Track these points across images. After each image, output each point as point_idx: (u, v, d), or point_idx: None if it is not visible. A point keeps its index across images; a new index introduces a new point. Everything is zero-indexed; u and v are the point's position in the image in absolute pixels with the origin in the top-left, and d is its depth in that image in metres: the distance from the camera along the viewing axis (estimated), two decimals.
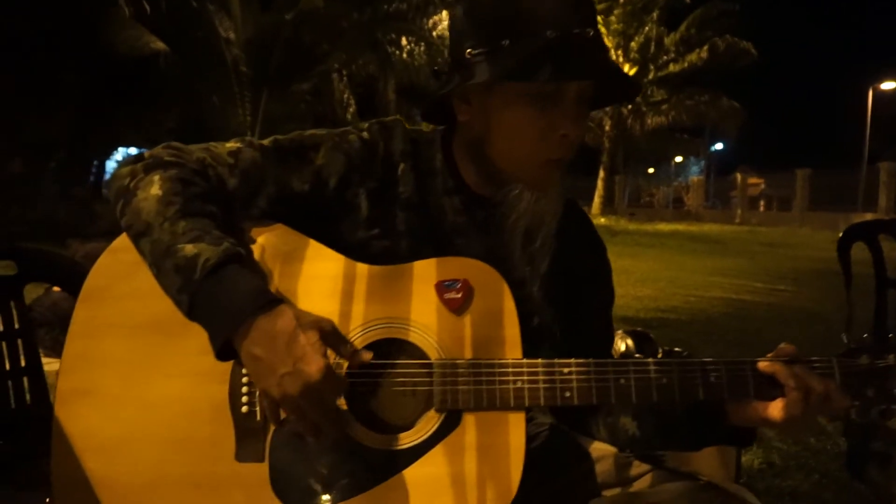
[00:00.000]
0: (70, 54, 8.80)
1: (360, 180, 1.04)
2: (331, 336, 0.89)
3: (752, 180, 29.93)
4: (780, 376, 0.92)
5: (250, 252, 0.98)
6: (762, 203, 30.86)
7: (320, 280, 0.99)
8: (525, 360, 0.95)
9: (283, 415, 0.91)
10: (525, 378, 0.94)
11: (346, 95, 13.08)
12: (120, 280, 0.99)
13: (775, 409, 0.93)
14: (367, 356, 0.92)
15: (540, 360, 0.95)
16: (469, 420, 0.94)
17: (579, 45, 0.95)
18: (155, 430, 0.95)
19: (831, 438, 3.15)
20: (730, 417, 0.99)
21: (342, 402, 0.95)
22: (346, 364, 0.94)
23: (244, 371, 0.94)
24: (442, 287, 0.97)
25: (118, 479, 0.95)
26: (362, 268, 1.00)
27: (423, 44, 11.71)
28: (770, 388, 0.93)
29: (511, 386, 0.94)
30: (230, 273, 0.88)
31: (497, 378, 0.94)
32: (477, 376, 0.94)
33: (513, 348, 0.96)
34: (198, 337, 0.89)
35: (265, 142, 1.05)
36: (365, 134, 1.07)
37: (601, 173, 22.94)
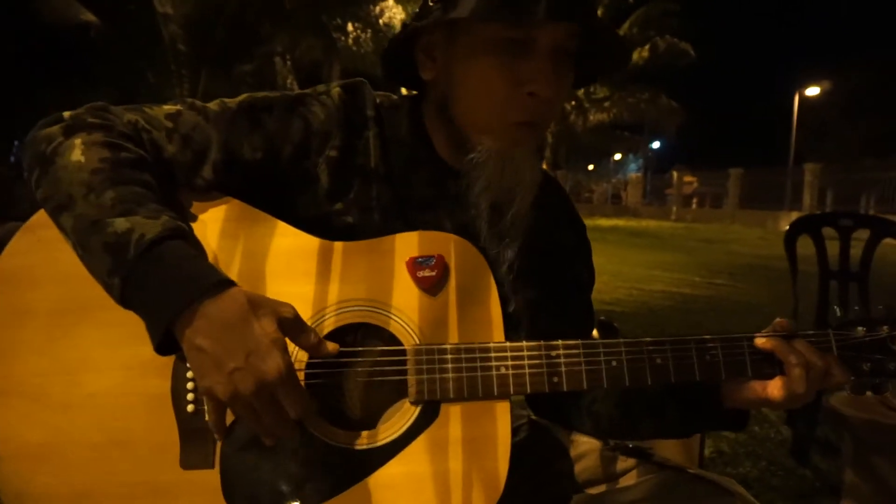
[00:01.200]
0: None
1: (320, 148, 0.93)
2: (291, 324, 0.77)
3: (687, 178, 30.93)
4: (780, 353, 0.86)
5: (192, 228, 0.85)
6: (695, 200, 31.95)
7: (275, 259, 0.87)
8: (509, 344, 0.86)
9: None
10: (510, 363, 0.85)
11: (289, 80, 12.74)
12: (38, 261, 0.86)
13: (775, 387, 0.86)
14: (333, 348, 0.81)
15: (525, 343, 0.86)
16: (449, 411, 0.84)
17: None
18: (84, 435, 0.82)
19: (774, 426, 3.23)
20: (724, 400, 0.92)
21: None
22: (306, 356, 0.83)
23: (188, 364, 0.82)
24: (414, 264, 0.87)
25: (43, 491, 0.81)
26: (323, 244, 0.88)
27: (369, 30, 11.50)
28: (768, 365, 0.87)
29: (494, 372, 0.84)
30: (170, 250, 0.76)
31: (479, 364, 0.84)
32: (456, 362, 0.84)
33: (494, 330, 0.87)
34: (133, 325, 0.77)
35: (211, 104, 0.93)
36: (325, 97, 0.95)
37: (544, 168, 23.16)
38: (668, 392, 0.96)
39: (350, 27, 11.20)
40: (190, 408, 0.83)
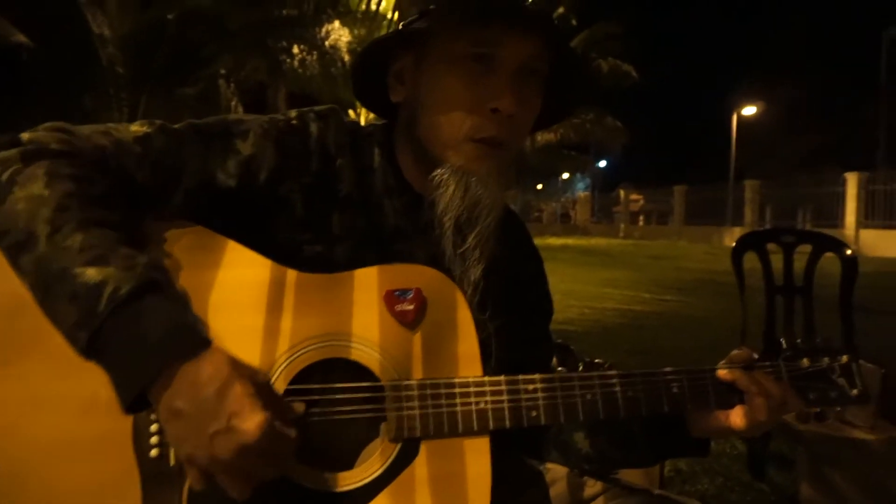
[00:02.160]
0: None
1: (295, 174, 0.91)
2: (262, 389, 0.72)
3: (634, 196, 31.72)
4: (741, 384, 0.89)
5: (167, 270, 0.79)
6: (642, 218, 32.74)
7: (247, 290, 0.82)
8: (487, 378, 0.85)
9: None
10: (489, 398, 0.83)
11: (233, 102, 12.51)
12: None
13: (737, 417, 0.89)
14: (299, 407, 0.78)
15: (503, 378, 0.85)
16: (428, 449, 0.82)
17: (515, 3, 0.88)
18: (35, 480, 0.75)
19: (730, 442, 3.25)
20: (690, 429, 0.94)
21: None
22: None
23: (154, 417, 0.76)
24: (392, 297, 0.84)
25: None
26: (296, 276, 0.83)
27: (315, 53, 11.41)
28: (729, 395, 0.91)
29: (474, 407, 0.83)
30: (147, 306, 0.71)
31: (458, 399, 0.83)
32: (436, 398, 0.83)
33: (471, 365, 0.85)
34: (92, 366, 0.71)
35: (180, 126, 0.89)
36: (296, 122, 0.92)
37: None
38: (636, 422, 0.96)
39: (296, 49, 11.08)
40: (154, 452, 0.77)
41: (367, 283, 0.85)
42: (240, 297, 0.82)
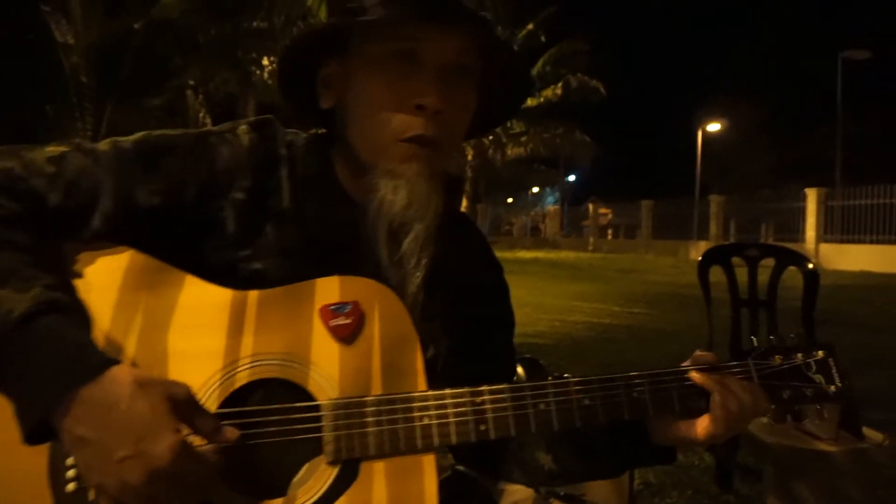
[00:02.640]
0: None
1: (225, 191, 0.86)
2: (184, 406, 0.69)
3: (602, 210, 32.12)
4: (708, 387, 0.85)
5: (75, 292, 0.76)
6: (610, 231, 33.15)
7: (175, 311, 0.78)
8: (431, 392, 0.80)
9: None
10: (433, 413, 0.79)
11: (202, 114, 12.37)
12: None
13: (702, 425, 0.85)
14: (233, 434, 0.72)
15: (448, 391, 0.80)
16: (369, 470, 0.77)
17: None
18: None
19: (698, 454, 3.28)
20: (652, 436, 0.90)
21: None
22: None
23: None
24: (328, 312, 0.80)
25: None
26: (228, 294, 0.79)
27: None
28: (695, 400, 0.86)
29: (417, 423, 0.78)
30: (44, 327, 0.67)
31: (400, 416, 0.78)
32: (376, 415, 0.78)
33: (417, 379, 0.81)
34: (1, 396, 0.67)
35: (101, 145, 0.84)
36: (231, 136, 0.88)
37: (464, 202, 23.53)
38: (597, 432, 0.93)
39: (265, 61, 11.02)
40: (70, 486, 0.72)
41: (303, 297, 0.81)
42: (167, 318, 0.79)
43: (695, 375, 0.86)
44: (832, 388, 0.89)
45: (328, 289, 0.82)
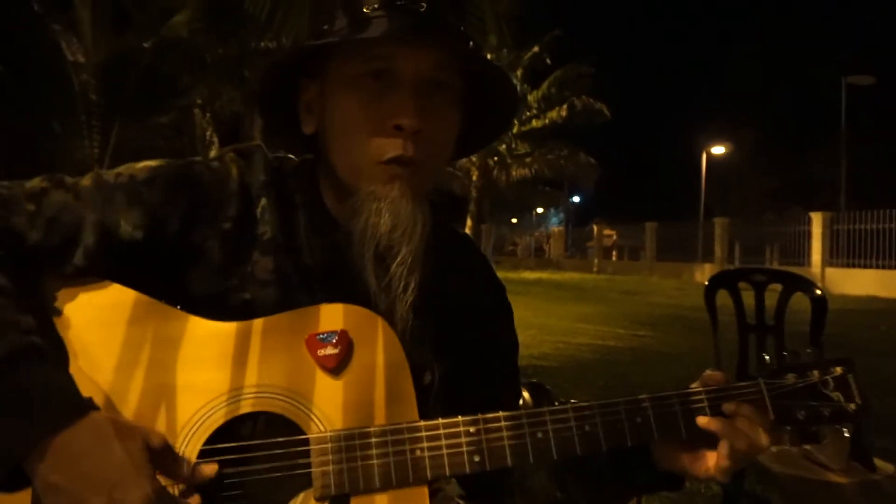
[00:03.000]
0: None
1: (210, 220, 0.85)
2: (160, 452, 0.69)
3: (607, 231, 32.05)
4: (723, 435, 0.82)
5: (55, 331, 0.75)
6: (615, 253, 33.08)
7: (161, 346, 0.76)
8: (423, 423, 0.78)
9: None
10: (425, 444, 0.77)
11: (208, 132, 12.44)
12: None
13: (707, 463, 0.83)
14: (210, 470, 0.71)
15: (441, 420, 0.78)
16: None
17: (410, 13, 0.83)
18: None
19: (703, 482, 3.23)
20: (658, 463, 0.88)
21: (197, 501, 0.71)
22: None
23: None
24: (315, 342, 0.78)
25: None
26: (214, 326, 0.78)
27: None
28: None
29: (409, 456, 0.76)
30: (20, 373, 0.67)
31: (390, 449, 0.76)
32: (365, 448, 0.76)
33: (406, 408, 0.78)
34: None
35: (83, 179, 0.83)
36: (215, 163, 0.87)
37: (469, 222, 23.56)
38: (602, 458, 0.90)
39: None
40: None
41: (290, 327, 0.79)
42: (153, 353, 0.77)
43: (707, 421, 0.83)
44: (852, 405, 0.84)
45: (315, 317, 0.80)
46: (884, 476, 2.05)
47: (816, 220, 18.41)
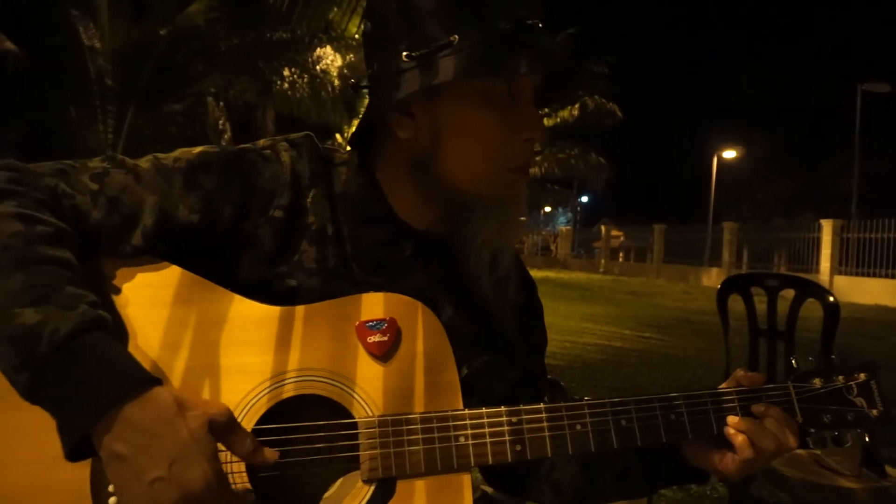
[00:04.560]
0: None
1: (263, 209, 0.87)
2: (224, 427, 0.70)
3: (614, 232, 32.04)
4: (753, 436, 0.84)
5: (115, 309, 0.78)
6: (622, 254, 33.01)
7: (215, 327, 0.78)
8: (467, 411, 0.81)
9: None
10: (469, 432, 0.79)
11: (221, 121, 12.45)
12: None
13: (733, 461, 0.85)
14: (271, 455, 0.73)
15: (485, 410, 0.81)
16: (405, 489, 0.78)
17: (535, 35, 0.84)
18: None
19: (711, 484, 3.23)
20: (686, 459, 0.91)
21: (244, 479, 0.73)
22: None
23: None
24: (364, 329, 0.80)
25: None
26: (267, 310, 0.80)
27: (306, 76, 11.44)
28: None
29: (453, 443, 0.78)
30: (88, 346, 0.68)
31: (436, 435, 0.79)
32: (411, 434, 0.78)
33: (451, 398, 0.80)
34: (43, 410, 0.68)
35: (141, 161, 0.86)
36: (268, 152, 0.89)
37: None
38: (632, 454, 0.93)
39: (286, 72, 11.11)
40: (112, 501, 0.73)
41: (340, 314, 0.82)
42: (207, 334, 0.79)
43: (732, 420, 0.85)
44: (874, 411, 0.87)
45: (365, 305, 0.82)
46: (895, 483, 2.05)
47: (826, 228, 18.31)
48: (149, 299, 0.80)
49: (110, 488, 0.73)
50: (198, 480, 0.65)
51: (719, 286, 3.17)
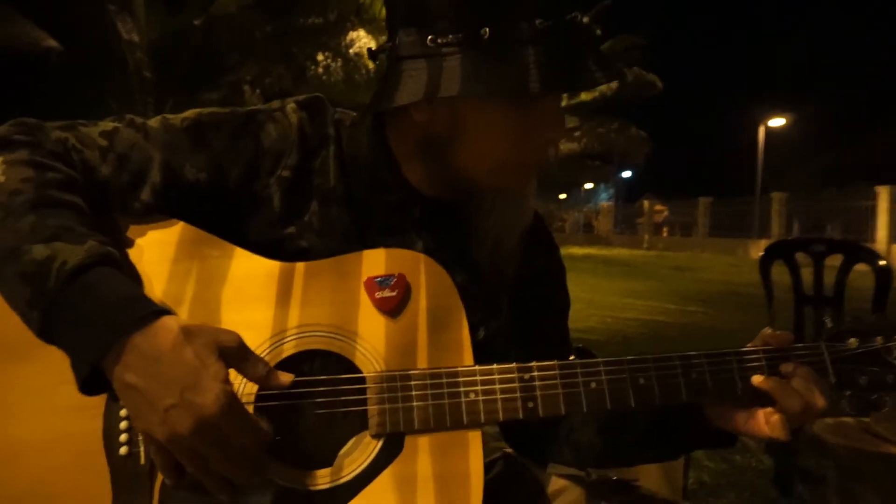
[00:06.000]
0: None
1: (272, 168, 0.87)
2: (234, 353, 0.70)
3: (658, 207, 31.45)
4: (777, 395, 0.80)
5: (126, 253, 0.80)
6: (666, 229, 32.40)
7: (222, 283, 0.79)
8: (478, 367, 0.79)
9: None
10: (479, 388, 0.78)
11: None
12: None
13: (759, 423, 0.81)
14: (286, 378, 0.73)
15: (496, 366, 0.79)
16: (413, 444, 0.77)
17: (573, 36, 0.79)
18: (4, 489, 0.74)
19: (755, 455, 3.16)
20: (710, 419, 0.86)
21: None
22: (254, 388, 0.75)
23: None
24: (373, 284, 0.80)
25: None
26: (274, 266, 0.80)
27: (339, 60, 11.48)
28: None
29: (463, 399, 0.77)
30: (96, 278, 0.69)
31: (445, 390, 0.78)
32: (421, 390, 0.78)
33: (462, 354, 0.79)
34: (58, 361, 0.68)
35: (152, 121, 0.87)
36: (279, 114, 0.88)
37: None
38: (652, 413, 0.90)
39: (320, 56, 11.17)
40: (123, 450, 0.75)
41: (348, 270, 0.81)
42: (216, 289, 0.80)
43: (762, 380, 0.81)
44: None
45: (374, 261, 0.81)
46: None
47: (883, 195, 17.60)
48: (157, 255, 0.80)
49: (121, 438, 0.75)
50: (211, 404, 0.65)
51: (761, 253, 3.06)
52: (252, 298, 0.79)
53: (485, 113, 0.83)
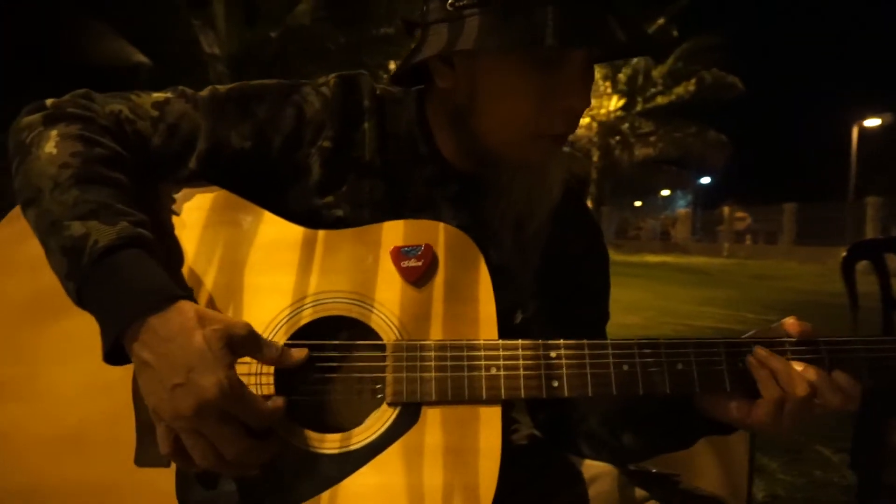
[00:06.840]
0: (40, 65, 8.59)
1: (313, 139, 0.89)
2: (244, 342, 0.73)
3: (739, 214, 30.15)
4: (754, 373, 0.75)
5: (165, 229, 0.83)
6: (748, 237, 31.06)
7: (257, 249, 0.83)
8: (501, 342, 0.77)
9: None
10: (501, 363, 0.76)
11: None
12: (18, 251, 0.83)
13: (749, 411, 0.75)
14: (300, 354, 0.76)
15: (521, 342, 0.77)
16: (430, 416, 0.76)
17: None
18: (37, 428, 0.79)
19: (838, 471, 2.96)
20: (704, 411, 0.81)
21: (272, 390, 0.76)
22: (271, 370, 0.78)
23: None
24: (399, 254, 0.80)
25: None
26: (307, 233, 0.82)
27: None
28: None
29: (483, 373, 0.76)
30: (123, 260, 0.73)
31: (465, 363, 0.76)
32: (440, 360, 0.77)
33: (487, 328, 0.78)
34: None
35: (202, 92, 0.91)
36: (323, 88, 0.91)
37: (589, 204, 23.03)
38: (658, 406, 0.85)
39: (392, 65, 11.39)
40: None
41: (375, 239, 0.82)
42: (245, 253, 0.83)
43: (760, 351, 0.76)
44: None
45: (399, 231, 0.82)
46: None
47: None
48: (198, 221, 0.84)
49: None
50: (212, 387, 0.68)
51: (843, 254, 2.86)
52: (277, 263, 0.82)
53: (503, 74, 0.81)
